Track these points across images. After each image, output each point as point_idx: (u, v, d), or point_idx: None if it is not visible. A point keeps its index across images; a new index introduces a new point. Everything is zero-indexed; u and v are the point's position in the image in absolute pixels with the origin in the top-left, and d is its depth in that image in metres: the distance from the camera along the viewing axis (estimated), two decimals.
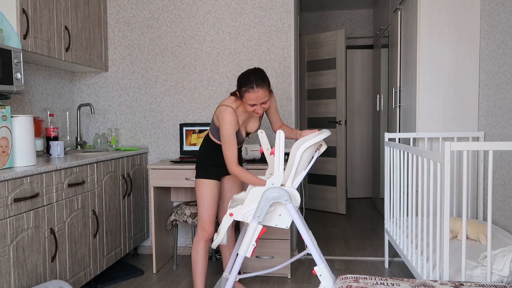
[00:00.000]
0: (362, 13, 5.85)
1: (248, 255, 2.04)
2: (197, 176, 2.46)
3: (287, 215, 2.09)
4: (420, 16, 3.07)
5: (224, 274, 2.56)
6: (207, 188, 2.44)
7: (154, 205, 3.06)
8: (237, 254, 2.40)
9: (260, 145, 2.43)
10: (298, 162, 2.02)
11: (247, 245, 2.04)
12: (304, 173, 2.13)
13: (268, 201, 2.00)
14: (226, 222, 2.13)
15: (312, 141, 1.97)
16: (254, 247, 2.05)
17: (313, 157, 2.20)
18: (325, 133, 2.06)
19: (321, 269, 2.04)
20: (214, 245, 2.21)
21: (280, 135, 1.96)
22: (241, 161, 2.60)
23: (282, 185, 2.08)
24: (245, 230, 2.53)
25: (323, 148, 2.25)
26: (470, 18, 3.02)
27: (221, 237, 2.14)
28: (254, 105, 2.25)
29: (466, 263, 1.93)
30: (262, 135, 2.40)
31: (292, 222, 3.30)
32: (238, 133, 2.41)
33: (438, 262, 1.95)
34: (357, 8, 5.81)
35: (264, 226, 2.07)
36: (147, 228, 3.57)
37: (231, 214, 2.11)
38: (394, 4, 4.08)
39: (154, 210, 3.06)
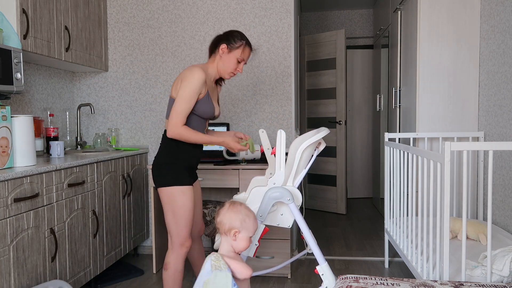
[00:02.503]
0: (362, 13, 5.85)
1: (251, 254, 2.04)
2: (169, 183, 2.10)
3: (289, 215, 2.09)
4: (420, 16, 3.07)
5: None
6: (187, 197, 2.12)
7: (154, 205, 3.06)
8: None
9: (261, 145, 2.41)
10: (299, 161, 2.02)
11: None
12: (304, 172, 2.13)
13: (271, 201, 2.00)
14: None
15: (312, 140, 1.98)
16: (257, 247, 2.04)
17: (312, 155, 2.21)
18: (324, 131, 2.06)
19: (323, 268, 2.04)
20: (216, 246, 2.20)
21: (281, 135, 1.97)
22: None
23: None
24: None
25: (322, 147, 2.25)
26: (470, 18, 3.02)
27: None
28: (240, 62, 2.20)
29: (466, 263, 1.93)
30: (263, 134, 2.40)
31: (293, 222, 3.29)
32: (209, 103, 2.16)
33: (438, 262, 1.95)
34: (357, 8, 5.81)
35: (266, 226, 2.07)
36: (147, 228, 3.57)
37: None
38: (394, 4, 4.08)
39: (154, 210, 3.06)
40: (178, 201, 2.11)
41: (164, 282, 2.21)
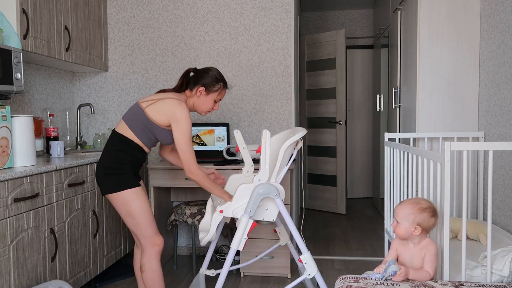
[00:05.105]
0: (362, 13, 5.85)
1: (241, 248, 2.12)
2: (121, 188, 2.09)
3: (274, 209, 2.20)
4: (420, 16, 3.07)
5: (201, 270, 2.57)
6: (141, 197, 2.13)
7: (154, 205, 3.06)
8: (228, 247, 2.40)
9: (236, 145, 2.47)
10: (281, 158, 2.15)
11: (239, 239, 2.11)
12: (285, 169, 2.27)
13: (259, 197, 2.09)
14: (216, 219, 2.16)
15: (292, 139, 2.11)
16: (246, 241, 2.12)
17: (292, 154, 2.33)
18: (302, 131, 2.17)
19: (306, 257, 2.15)
20: (204, 242, 2.22)
21: (266, 134, 2.08)
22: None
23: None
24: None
25: (299, 146, 2.36)
26: (470, 18, 3.02)
27: (211, 234, 2.17)
28: (216, 102, 2.33)
29: (466, 263, 1.93)
30: (237, 134, 2.41)
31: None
32: (171, 135, 2.19)
33: (438, 262, 1.95)
34: (357, 8, 5.81)
35: (254, 221, 2.15)
36: None
37: (221, 211, 2.14)
38: (394, 4, 4.07)
39: (154, 210, 3.05)
40: (135, 202, 2.11)
41: (144, 284, 2.21)
